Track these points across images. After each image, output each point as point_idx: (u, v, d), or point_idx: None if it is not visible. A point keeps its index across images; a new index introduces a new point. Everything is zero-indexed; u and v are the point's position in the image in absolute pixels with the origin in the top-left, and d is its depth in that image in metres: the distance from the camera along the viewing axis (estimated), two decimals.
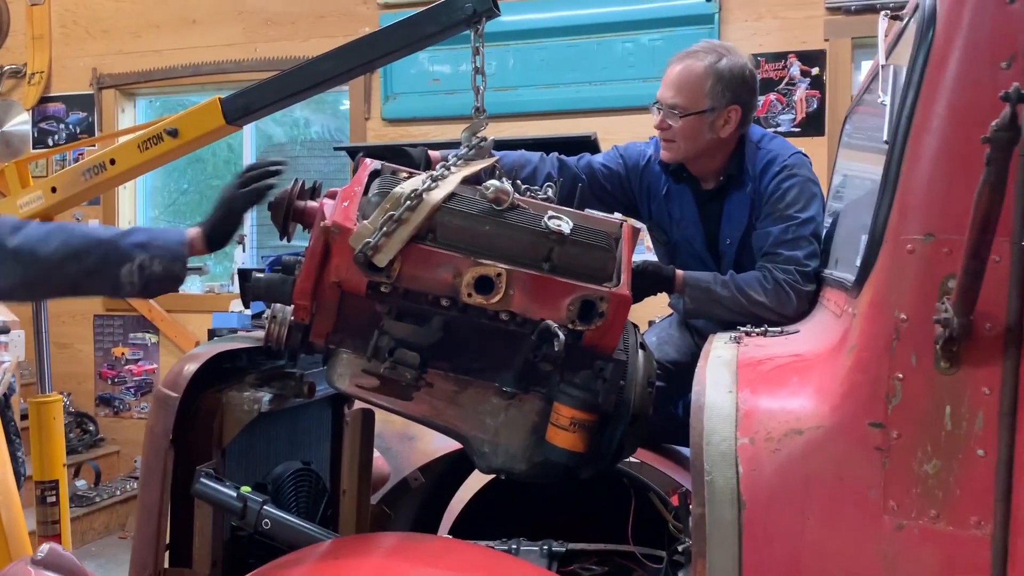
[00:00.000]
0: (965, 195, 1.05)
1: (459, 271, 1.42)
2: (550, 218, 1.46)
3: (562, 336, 1.40)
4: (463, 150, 1.61)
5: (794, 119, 4.22)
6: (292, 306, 1.58)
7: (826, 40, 4.18)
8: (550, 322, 1.41)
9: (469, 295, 1.41)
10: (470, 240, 1.44)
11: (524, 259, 1.44)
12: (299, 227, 1.60)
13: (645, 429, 1.56)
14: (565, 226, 1.45)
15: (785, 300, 1.91)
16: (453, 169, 1.54)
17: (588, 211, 1.58)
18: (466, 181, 1.54)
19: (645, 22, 4.38)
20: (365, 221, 1.42)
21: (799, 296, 1.92)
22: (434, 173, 1.49)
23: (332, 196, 1.53)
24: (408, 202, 1.42)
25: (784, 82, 4.22)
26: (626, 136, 4.07)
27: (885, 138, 1.16)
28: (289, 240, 1.63)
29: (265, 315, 1.62)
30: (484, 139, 1.65)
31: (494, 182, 1.47)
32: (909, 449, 1.09)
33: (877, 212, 1.14)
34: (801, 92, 4.21)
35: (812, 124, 4.21)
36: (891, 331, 1.10)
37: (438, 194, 1.45)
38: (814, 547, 1.14)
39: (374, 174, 1.56)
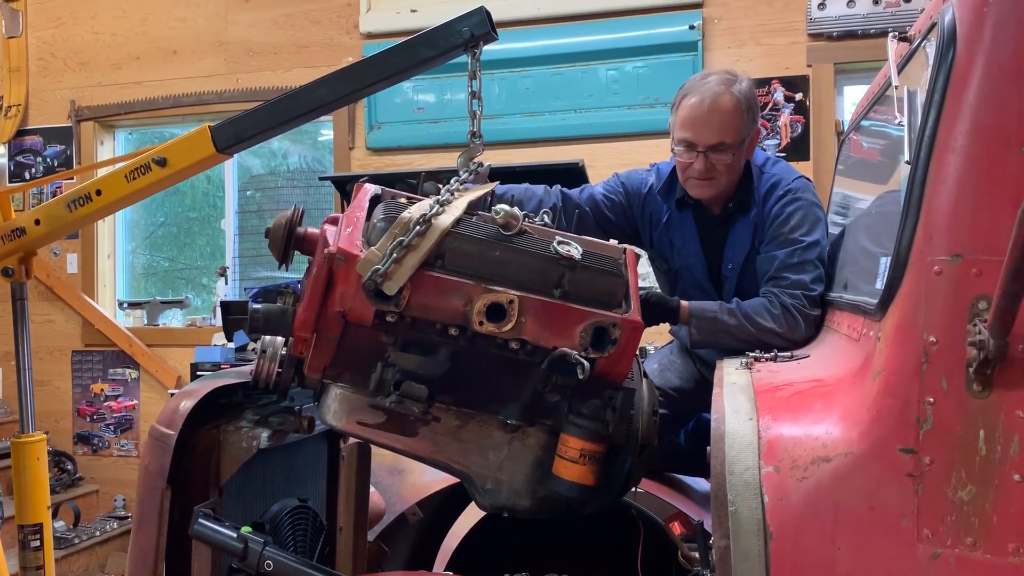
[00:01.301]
0: (993, 214, 1.04)
1: (470, 298, 1.37)
2: (559, 243, 1.43)
3: (586, 364, 1.36)
4: (464, 175, 1.57)
5: (779, 144, 4.24)
6: (282, 340, 1.53)
7: (809, 66, 4.22)
8: (567, 350, 1.38)
9: (480, 323, 1.37)
10: (479, 266, 1.40)
11: (535, 285, 1.40)
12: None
13: (651, 460, 1.54)
14: (575, 251, 1.42)
15: (793, 325, 1.89)
16: (456, 194, 1.50)
17: (587, 238, 1.54)
18: (469, 207, 1.50)
19: (629, 50, 4.41)
20: (373, 247, 1.36)
21: (807, 321, 1.90)
22: (439, 198, 1.44)
23: (333, 222, 1.46)
24: (417, 227, 1.36)
25: (768, 108, 4.24)
26: (612, 162, 4.11)
27: (907, 159, 1.14)
28: (287, 268, 1.56)
29: (252, 349, 1.56)
30: (480, 164, 1.61)
31: (504, 206, 1.43)
32: (942, 475, 1.06)
33: (901, 233, 1.12)
34: (785, 117, 4.24)
35: (797, 149, 4.23)
36: (920, 354, 1.08)
37: (446, 219, 1.40)
38: None
39: (374, 199, 1.51)
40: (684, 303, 1.97)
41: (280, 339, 1.53)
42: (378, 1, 4.88)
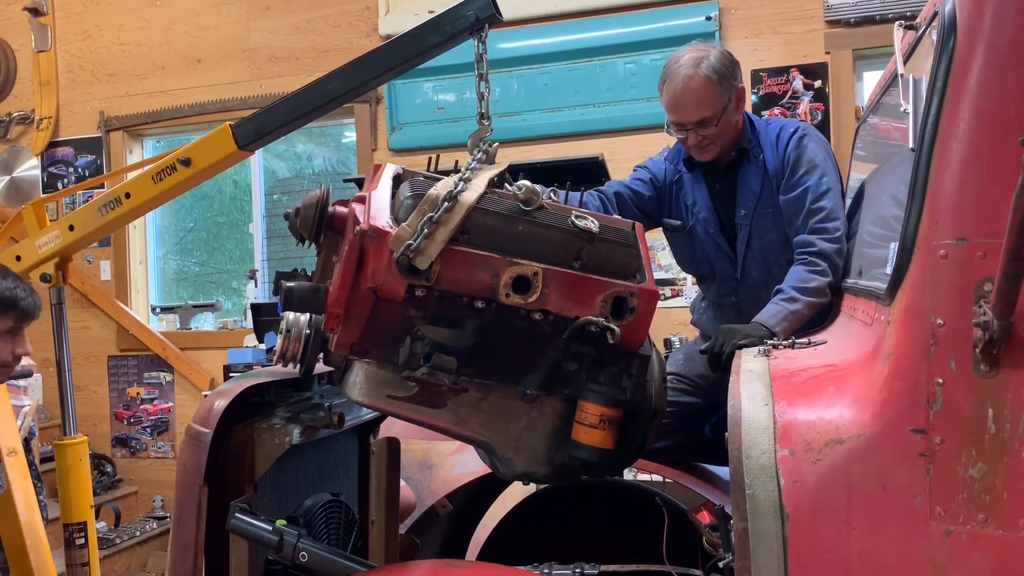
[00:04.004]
0: (996, 198, 1.06)
1: (496, 271, 1.41)
2: (577, 218, 1.48)
3: (616, 329, 1.43)
4: (477, 154, 1.59)
5: None
6: (306, 319, 1.57)
7: (827, 53, 4.21)
8: (592, 317, 1.44)
9: (507, 295, 1.41)
10: (503, 240, 1.44)
11: (556, 258, 1.45)
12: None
13: (660, 425, 1.61)
14: (593, 225, 1.48)
15: (837, 265, 2.02)
16: (474, 173, 1.52)
17: (599, 214, 1.59)
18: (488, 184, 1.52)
19: (646, 43, 4.42)
20: (403, 224, 1.39)
21: (841, 255, 2.03)
22: (461, 175, 1.47)
23: (360, 200, 1.48)
24: (445, 203, 1.39)
25: (787, 96, 4.24)
26: (632, 155, 4.11)
27: (911, 146, 1.17)
28: (318, 247, 1.54)
29: (280, 329, 1.59)
30: (490, 144, 1.62)
31: (525, 182, 1.47)
32: (953, 454, 1.09)
33: (907, 219, 1.14)
34: (805, 105, 4.24)
35: None
36: (928, 336, 1.10)
37: (471, 195, 1.43)
38: (861, 557, 1.13)
39: (395, 178, 1.54)
40: (773, 327, 1.98)
41: (304, 319, 1.57)
42: (396, 3, 4.94)
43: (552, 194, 1.71)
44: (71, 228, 2.43)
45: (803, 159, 2.14)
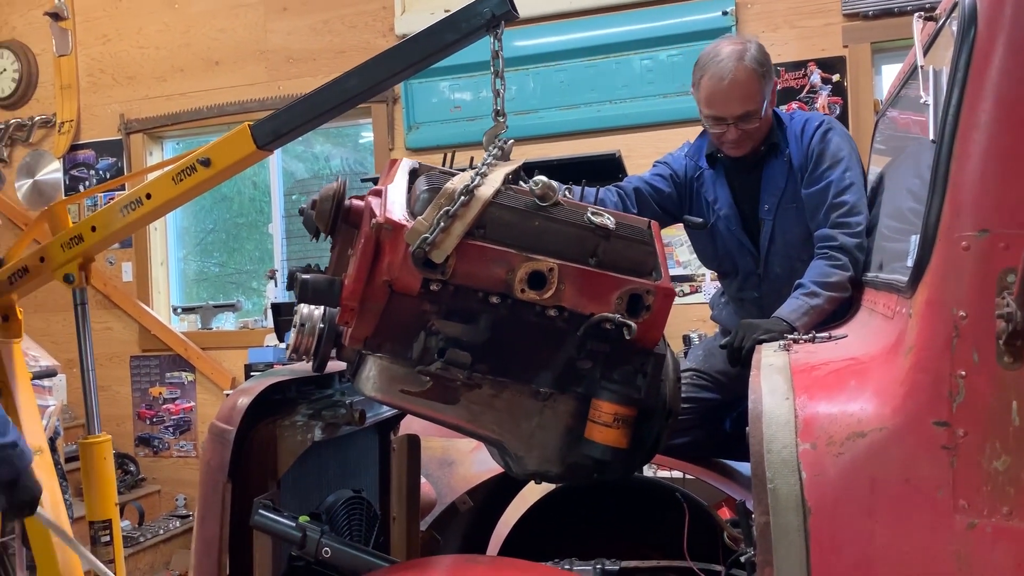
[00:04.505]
0: (1018, 189, 1.06)
1: (512, 267, 1.41)
2: (593, 214, 1.48)
3: (632, 325, 1.42)
4: (493, 150, 1.59)
5: None
6: (319, 314, 1.57)
7: (845, 46, 4.18)
8: (608, 314, 1.43)
9: (522, 291, 1.41)
10: (519, 236, 1.43)
11: (571, 254, 1.45)
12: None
13: (675, 424, 1.60)
14: (609, 222, 1.47)
15: (857, 260, 2.02)
16: (489, 168, 1.52)
17: (615, 211, 1.59)
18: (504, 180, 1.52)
19: (662, 39, 4.41)
20: (419, 217, 1.39)
21: (861, 250, 2.02)
22: (478, 170, 1.47)
23: (376, 194, 1.48)
24: (462, 197, 1.39)
25: (805, 90, 4.22)
26: (649, 152, 4.12)
27: (932, 138, 1.16)
28: (334, 240, 1.54)
29: (294, 322, 1.61)
30: (505, 141, 1.63)
31: (541, 178, 1.47)
32: (977, 446, 1.08)
33: (928, 211, 1.14)
34: (823, 99, 4.21)
35: None
36: (950, 329, 1.09)
37: (488, 189, 1.43)
38: (884, 550, 1.12)
39: (412, 173, 1.55)
40: (793, 322, 1.98)
41: (318, 312, 1.58)
42: (412, 3, 4.96)
43: (567, 191, 1.71)
44: (93, 229, 2.46)
45: (827, 153, 2.13)
